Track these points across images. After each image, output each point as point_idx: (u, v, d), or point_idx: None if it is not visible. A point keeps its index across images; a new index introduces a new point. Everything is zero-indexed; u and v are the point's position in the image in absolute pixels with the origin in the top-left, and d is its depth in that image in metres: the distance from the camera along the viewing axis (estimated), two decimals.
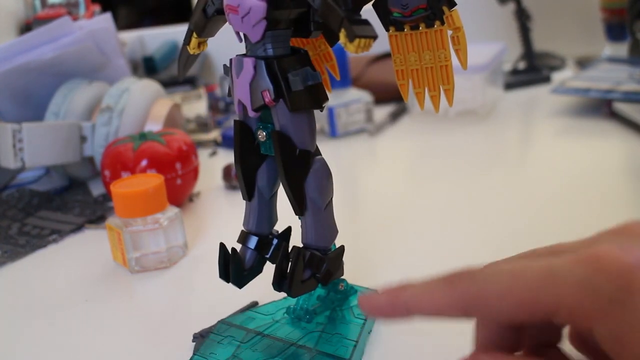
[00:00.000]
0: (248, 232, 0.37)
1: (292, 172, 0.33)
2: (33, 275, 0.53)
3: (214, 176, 0.72)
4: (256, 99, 0.33)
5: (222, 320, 0.39)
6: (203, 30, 0.35)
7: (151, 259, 0.50)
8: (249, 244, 0.37)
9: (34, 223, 0.63)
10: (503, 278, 0.25)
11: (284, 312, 0.39)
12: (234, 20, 0.32)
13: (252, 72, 0.32)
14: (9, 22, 1.03)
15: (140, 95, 0.69)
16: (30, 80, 0.72)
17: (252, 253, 0.37)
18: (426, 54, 0.32)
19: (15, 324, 0.45)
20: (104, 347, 0.41)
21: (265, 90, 0.32)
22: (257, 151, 0.35)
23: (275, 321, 0.38)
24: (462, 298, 0.26)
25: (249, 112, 0.33)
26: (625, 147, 0.69)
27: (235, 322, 0.39)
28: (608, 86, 0.79)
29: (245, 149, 0.35)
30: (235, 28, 0.32)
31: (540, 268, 0.24)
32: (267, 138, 0.34)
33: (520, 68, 1.04)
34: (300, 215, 0.34)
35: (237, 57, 0.33)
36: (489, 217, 0.55)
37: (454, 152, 0.75)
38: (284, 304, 0.40)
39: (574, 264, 0.24)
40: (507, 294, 0.25)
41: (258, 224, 0.37)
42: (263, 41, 0.32)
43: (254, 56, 0.32)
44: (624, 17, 0.96)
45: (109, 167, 0.60)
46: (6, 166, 0.65)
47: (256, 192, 0.36)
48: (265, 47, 0.32)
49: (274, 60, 0.32)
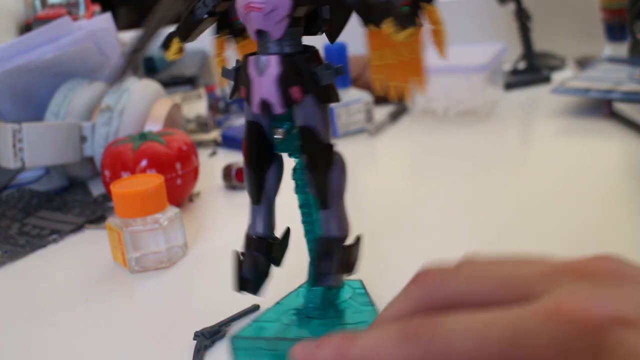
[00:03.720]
0: (257, 237, 0.37)
1: (318, 166, 0.34)
2: (33, 275, 0.53)
3: (214, 176, 0.72)
4: (285, 96, 0.33)
5: (235, 335, 0.37)
6: (190, 34, 0.35)
7: (151, 259, 0.50)
8: (260, 249, 0.37)
9: (34, 223, 0.63)
10: (468, 339, 0.23)
11: (291, 314, 0.39)
12: (255, 18, 0.31)
13: (279, 69, 0.32)
14: (9, 22, 1.03)
15: (140, 95, 0.69)
16: (30, 80, 0.72)
17: (263, 258, 0.37)
18: (402, 48, 0.33)
19: (15, 324, 0.45)
20: (104, 347, 0.41)
21: (294, 86, 0.32)
22: (269, 152, 0.35)
23: (288, 324, 0.38)
24: (424, 357, 0.23)
25: (277, 109, 0.33)
26: (625, 147, 0.69)
27: (249, 334, 0.38)
28: (608, 86, 0.79)
29: (260, 150, 0.35)
30: (256, 26, 0.32)
31: (506, 327, 0.22)
32: (285, 135, 0.34)
33: (520, 68, 1.04)
34: (325, 208, 0.35)
35: (257, 56, 0.33)
36: (488, 217, 0.55)
37: (454, 152, 0.75)
38: (281, 308, 0.39)
39: (542, 320, 0.22)
40: (475, 355, 0.23)
41: (265, 227, 0.37)
42: (282, 39, 0.32)
43: (277, 53, 0.32)
44: (624, 17, 0.96)
45: (109, 167, 0.60)
46: (6, 166, 0.65)
47: (263, 194, 0.36)
48: (282, 45, 0.32)
49: (300, 56, 0.32)
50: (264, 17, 0.31)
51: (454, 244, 0.50)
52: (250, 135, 0.35)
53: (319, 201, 0.35)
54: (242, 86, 0.34)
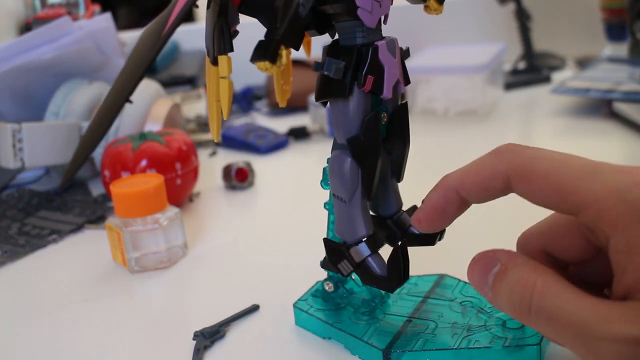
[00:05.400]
0: (372, 236, 0.35)
1: (408, 137, 0.36)
2: (33, 275, 0.52)
3: (213, 176, 0.72)
4: (406, 74, 0.34)
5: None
6: (298, 40, 0.30)
7: (151, 259, 0.50)
8: (378, 248, 0.35)
9: (34, 223, 0.63)
10: (552, 159, 0.26)
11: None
12: (376, 10, 0.31)
13: (400, 49, 0.34)
14: (8, 22, 1.03)
15: (140, 95, 0.69)
16: (30, 80, 0.72)
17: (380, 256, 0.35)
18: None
19: (15, 324, 0.45)
20: (104, 347, 0.41)
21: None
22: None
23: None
24: (507, 168, 0.27)
25: (401, 88, 0.34)
26: (625, 147, 0.69)
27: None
28: (608, 86, 0.79)
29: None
30: (387, 10, 0.32)
31: (587, 164, 0.25)
32: (386, 119, 0.35)
33: (520, 68, 1.04)
34: (400, 181, 0.37)
35: (385, 40, 0.33)
36: (488, 217, 0.55)
37: (454, 152, 0.75)
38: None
39: (618, 173, 0.24)
40: (552, 175, 0.26)
41: (370, 225, 0.35)
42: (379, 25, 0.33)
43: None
44: (624, 17, 0.96)
45: (109, 167, 0.60)
46: (6, 166, 0.65)
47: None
48: (381, 32, 0.33)
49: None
50: (380, 5, 0.32)
51: (453, 244, 0.50)
52: (377, 125, 0.33)
53: (402, 174, 0.36)
54: (371, 75, 0.32)
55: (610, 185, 0.24)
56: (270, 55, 0.29)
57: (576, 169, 0.25)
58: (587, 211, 0.24)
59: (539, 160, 0.27)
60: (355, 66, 0.32)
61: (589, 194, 0.24)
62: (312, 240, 0.41)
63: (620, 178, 0.24)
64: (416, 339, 0.35)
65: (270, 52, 0.29)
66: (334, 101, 0.33)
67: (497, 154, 0.28)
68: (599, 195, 0.24)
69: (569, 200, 0.25)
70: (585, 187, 0.24)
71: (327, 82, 0.32)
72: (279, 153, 0.80)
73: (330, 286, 0.39)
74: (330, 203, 0.37)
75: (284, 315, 0.41)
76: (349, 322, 0.37)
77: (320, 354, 0.37)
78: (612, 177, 0.24)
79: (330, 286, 0.39)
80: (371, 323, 0.37)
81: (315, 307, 0.39)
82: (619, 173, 0.24)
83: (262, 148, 0.80)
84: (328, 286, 0.39)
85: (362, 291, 0.39)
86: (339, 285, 0.39)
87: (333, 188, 0.35)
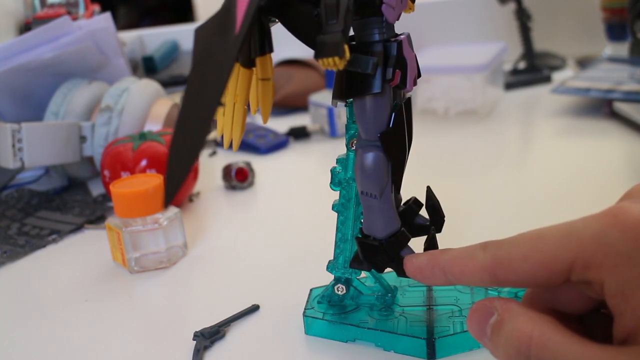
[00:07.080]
0: (400, 231, 0.35)
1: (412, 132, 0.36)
2: (33, 275, 0.52)
3: (213, 176, 0.72)
4: (419, 68, 0.34)
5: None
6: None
7: (151, 259, 0.50)
8: (408, 240, 0.36)
9: (34, 223, 0.63)
10: (526, 241, 0.26)
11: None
12: (398, 6, 0.32)
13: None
14: (8, 22, 1.03)
15: (140, 95, 0.69)
16: (30, 80, 0.72)
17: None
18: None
19: (15, 324, 0.45)
20: (104, 347, 0.41)
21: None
22: None
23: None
24: (491, 262, 0.27)
25: (416, 82, 0.34)
26: (626, 147, 0.69)
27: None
28: (608, 86, 0.79)
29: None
30: (400, 11, 0.32)
31: (559, 229, 0.26)
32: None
33: (520, 68, 1.04)
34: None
35: (405, 35, 0.33)
36: (488, 217, 0.55)
37: (454, 152, 0.75)
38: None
39: (592, 220, 0.25)
40: (530, 255, 0.26)
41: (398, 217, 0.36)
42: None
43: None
44: (624, 16, 0.96)
45: (109, 167, 0.60)
46: (5, 166, 0.65)
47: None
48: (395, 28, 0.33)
49: None
50: (401, 1, 0.32)
51: (453, 244, 0.50)
52: (401, 119, 0.33)
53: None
54: (398, 69, 0.32)
55: (586, 235, 0.24)
56: (342, 50, 0.29)
57: (550, 240, 0.25)
58: (575, 269, 0.24)
59: (516, 247, 0.27)
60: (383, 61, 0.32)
61: (571, 255, 0.24)
62: (312, 240, 0.41)
63: (594, 225, 0.24)
64: (450, 323, 0.35)
65: (341, 47, 0.29)
66: (361, 98, 0.33)
67: (482, 249, 0.28)
68: (580, 251, 0.24)
69: (556, 270, 0.25)
70: (565, 251, 0.25)
71: (355, 79, 0.32)
72: (279, 153, 0.80)
73: (342, 289, 0.39)
74: (339, 204, 0.37)
75: (284, 315, 0.41)
76: (375, 320, 0.37)
77: (320, 354, 0.37)
78: (585, 228, 0.25)
79: (342, 289, 0.39)
80: (396, 317, 0.37)
81: (328, 313, 0.39)
82: (593, 221, 0.25)
83: (262, 148, 0.80)
84: (340, 289, 0.39)
85: (369, 290, 0.39)
86: (351, 287, 0.39)
87: (362, 186, 0.34)
